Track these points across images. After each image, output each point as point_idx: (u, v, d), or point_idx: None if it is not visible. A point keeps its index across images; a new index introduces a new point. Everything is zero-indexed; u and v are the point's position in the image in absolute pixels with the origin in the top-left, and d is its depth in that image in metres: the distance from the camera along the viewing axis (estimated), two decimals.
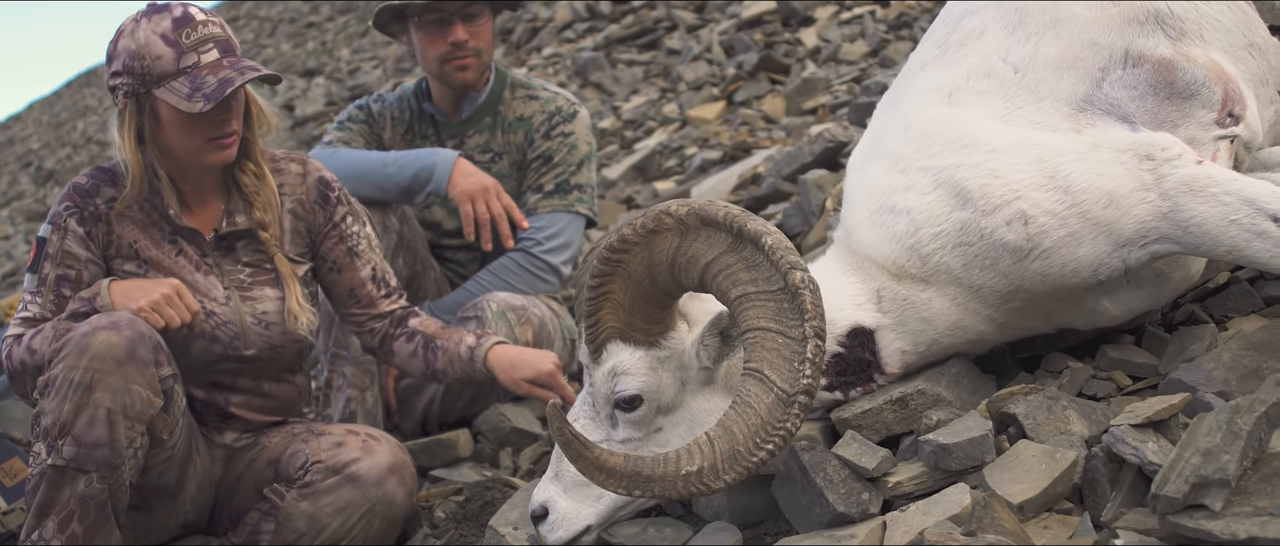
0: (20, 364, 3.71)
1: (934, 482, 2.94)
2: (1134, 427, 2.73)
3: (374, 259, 4.27)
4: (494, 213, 4.96)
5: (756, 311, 2.89)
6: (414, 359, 4.25)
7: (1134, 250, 3.01)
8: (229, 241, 4.01)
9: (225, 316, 3.94)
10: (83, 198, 3.88)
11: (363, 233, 4.25)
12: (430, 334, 4.25)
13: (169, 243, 3.94)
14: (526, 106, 5.34)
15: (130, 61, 3.70)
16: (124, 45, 3.72)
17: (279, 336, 4.02)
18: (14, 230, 22.33)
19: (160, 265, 3.91)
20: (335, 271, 4.21)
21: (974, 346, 3.31)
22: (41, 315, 3.79)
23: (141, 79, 3.69)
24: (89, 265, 3.84)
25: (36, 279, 3.83)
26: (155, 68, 3.68)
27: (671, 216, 2.99)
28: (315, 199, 4.16)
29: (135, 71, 3.69)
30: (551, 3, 15.85)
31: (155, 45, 3.68)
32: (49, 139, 35.14)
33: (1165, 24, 3.22)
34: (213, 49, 3.73)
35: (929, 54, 3.47)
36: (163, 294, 3.66)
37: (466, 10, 5.14)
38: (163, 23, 3.70)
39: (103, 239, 3.88)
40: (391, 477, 3.93)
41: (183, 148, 3.81)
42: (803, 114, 8.44)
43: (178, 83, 3.68)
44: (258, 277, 4.03)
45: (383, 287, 4.28)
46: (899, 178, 3.24)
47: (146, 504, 3.85)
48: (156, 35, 3.68)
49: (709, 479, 2.85)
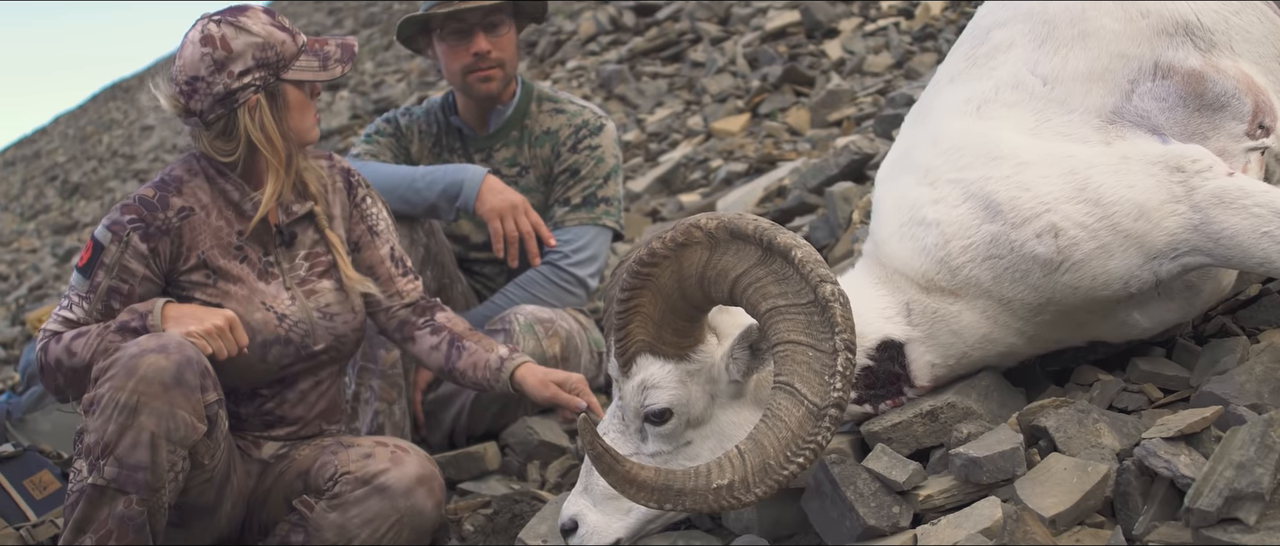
0: (56, 361, 3.71)
1: (965, 496, 2.93)
2: (1166, 441, 2.72)
3: (392, 239, 4.32)
4: (522, 230, 4.97)
5: (786, 324, 2.89)
6: (435, 352, 4.24)
7: (1165, 262, 3.00)
8: (290, 231, 4.06)
9: (296, 317, 3.98)
10: (150, 211, 3.85)
11: (381, 214, 4.32)
12: (458, 332, 4.24)
13: (236, 250, 3.96)
14: (553, 120, 5.34)
15: (262, 53, 3.79)
16: (245, 42, 3.77)
17: (341, 326, 4.07)
18: (40, 243, 22.39)
19: (228, 274, 3.93)
20: (356, 250, 4.24)
21: (1004, 359, 3.30)
22: (84, 320, 3.78)
23: (274, 67, 3.81)
24: (144, 282, 3.82)
25: (87, 283, 3.80)
26: (286, 51, 3.83)
27: (701, 230, 2.99)
28: (341, 185, 4.23)
29: (269, 62, 3.80)
30: (575, 16, 15.87)
31: (275, 33, 3.82)
32: (75, 152, 35.26)
33: (1195, 36, 3.21)
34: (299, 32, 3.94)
35: (957, 67, 3.47)
36: (215, 324, 3.67)
37: (489, 20, 5.15)
38: (261, 16, 3.85)
39: (169, 252, 3.86)
40: (420, 488, 3.92)
41: (300, 127, 3.93)
42: (827, 126, 8.43)
43: (302, 60, 3.86)
44: (315, 268, 4.08)
45: (400, 267, 4.31)
46: (928, 190, 3.24)
47: (184, 522, 3.85)
48: (271, 26, 3.83)
49: (740, 492, 2.85)
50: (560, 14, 16.36)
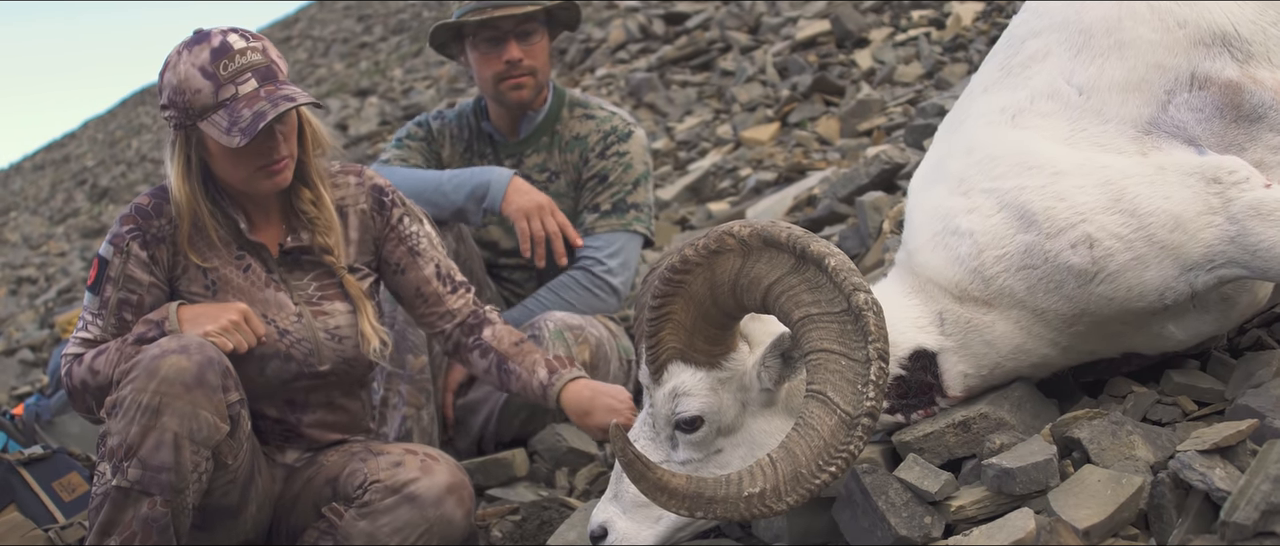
0: (81, 383, 3.74)
1: (997, 507, 2.91)
2: (1201, 453, 2.70)
3: (437, 256, 4.26)
4: (548, 230, 4.99)
5: (819, 333, 2.88)
6: (489, 376, 4.26)
7: (1200, 274, 2.98)
8: (295, 256, 4.04)
9: (299, 334, 3.97)
10: (144, 219, 3.88)
11: (422, 231, 4.26)
12: (503, 352, 4.21)
13: (237, 260, 3.96)
14: (583, 126, 5.36)
15: (174, 95, 3.71)
16: (168, 79, 3.73)
17: (351, 350, 4.05)
18: (69, 246, 22.51)
19: (230, 283, 3.93)
20: (399, 273, 4.22)
21: (1037, 370, 3.28)
22: (102, 337, 3.82)
23: (185, 113, 3.71)
24: (151, 289, 3.86)
25: (98, 300, 3.85)
26: (196, 102, 3.68)
27: (734, 237, 2.98)
28: (372, 206, 4.18)
29: (179, 105, 3.71)
30: (605, 24, 15.89)
31: (194, 79, 3.67)
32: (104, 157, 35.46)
33: (1232, 46, 3.19)
34: (251, 79, 3.70)
35: (992, 76, 3.45)
36: (230, 319, 3.69)
37: (522, 28, 5.15)
38: (202, 54, 3.68)
39: (167, 261, 3.89)
40: (450, 498, 3.91)
41: (234, 178, 3.85)
42: (857, 136, 8.42)
43: (217, 116, 3.67)
44: (326, 292, 4.05)
45: (449, 283, 4.27)
46: (962, 200, 3.22)
47: (208, 524, 3.87)
48: (196, 68, 3.67)
49: (771, 501, 2.84)
50: (590, 21, 16.39)
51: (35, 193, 35.56)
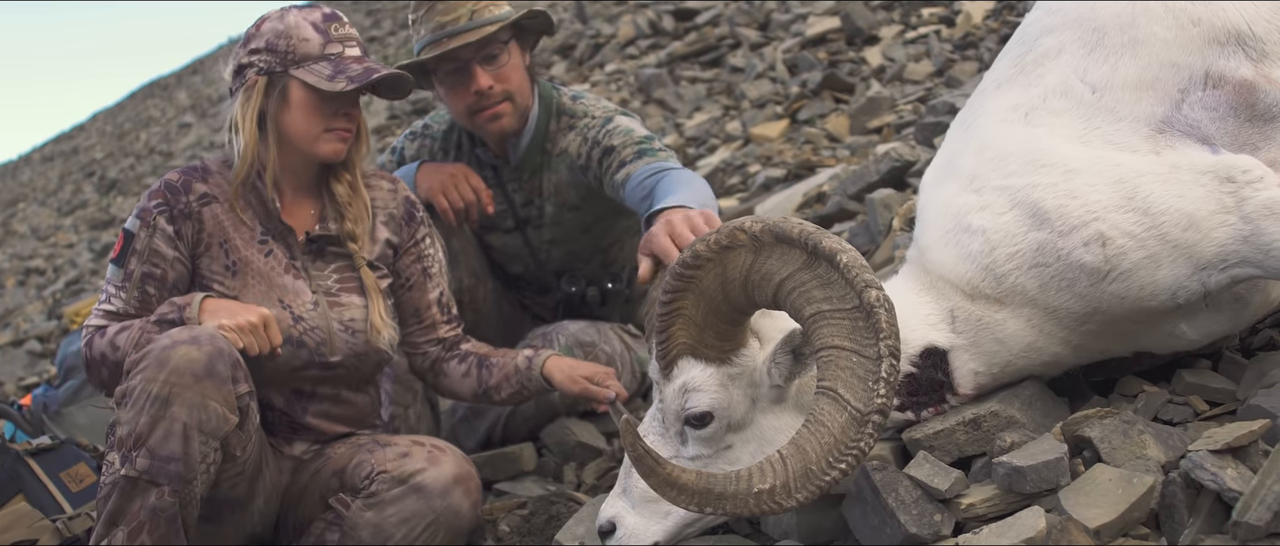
0: (100, 355, 3.77)
1: (1007, 505, 2.91)
2: (1212, 453, 2.69)
3: (443, 284, 4.36)
4: (465, 198, 4.86)
5: (830, 329, 2.88)
6: (466, 379, 4.31)
7: (1213, 273, 2.97)
8: (319, 245, 4.08)
9: (313, 322, 3.99)
10: (173, 194, 3.94)
11: (437, 255, 4.34)
12: (483, 353, 4.33)
13: (260, 243, 3.99)
14: (566, 138, 4.97)
15: (275, 39, 3.87)
16: (270, 26, 3.91)
17: (364, 345, 4.06)
18: (77, 238, 22.55)
19: (251, 264, 3.96)
20: (407, 288, 4.28)
21: (1048, 368, 3.28)
22: (124, 310, 3.86)
23: (283, 57, 3.86)
24: (176, 264, 3.90)
25: (122, 273, 3.88)
26: (301, 48, 3.87)
27: (746, 233, 2.98)
28: (403, 216, 4.25)
29: (279, 49, 3.86)
30: (614, 19, 15.87)
31: (305, 29, 3.89)
32: (112, 149, 35.49)
33: (1246, 45, 3.18)
34: (356, 46, 3.97)
35: (1004, 73, 3.44)
36: (249, 320, 3.69)
37: (484, 53, 4.73)
38: (313, 14, 3.92)
39: (192, 236, 3.93)
40: (457, 488, 3.91)
41: (305, 132, 3.93)
42: (867, 133, 8.40)
43: (318, 65, 3.86)
44: (345, 284, 4.08)
45: (445, 313, 4.37)
46: (974, 197, 3.22)
47: (216, 516, 3.87)
48: (307, 21, 3.90)
49: (781, 497, 2.83)
50: (599, 17, 16.38)
51: (44, 184, 35.61)
